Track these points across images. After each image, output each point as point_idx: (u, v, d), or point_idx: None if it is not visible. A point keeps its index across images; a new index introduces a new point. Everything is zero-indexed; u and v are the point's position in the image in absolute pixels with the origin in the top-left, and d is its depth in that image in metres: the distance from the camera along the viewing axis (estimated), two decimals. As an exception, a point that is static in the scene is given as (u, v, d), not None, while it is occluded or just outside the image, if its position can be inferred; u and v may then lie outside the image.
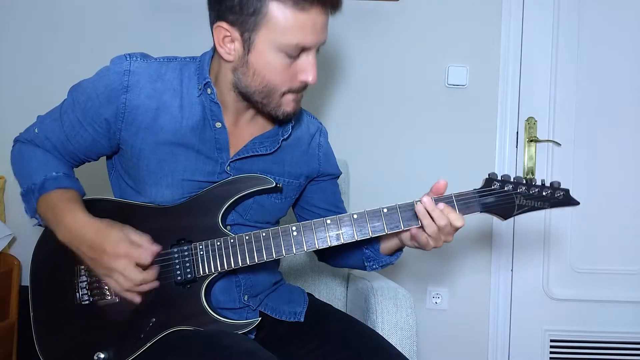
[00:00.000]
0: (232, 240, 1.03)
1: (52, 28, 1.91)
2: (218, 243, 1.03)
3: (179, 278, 1.03)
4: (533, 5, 2.01)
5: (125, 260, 0.96)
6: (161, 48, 1.31)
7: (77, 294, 1.04)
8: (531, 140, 2.02)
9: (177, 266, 1.03)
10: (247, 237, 1.03)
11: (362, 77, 1.98)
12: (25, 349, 1.78)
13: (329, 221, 1.04)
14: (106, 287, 1.03)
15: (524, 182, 1.05)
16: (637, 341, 2.04)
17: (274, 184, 1.07)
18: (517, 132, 2.02)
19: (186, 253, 1.03)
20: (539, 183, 1.06)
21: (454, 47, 1.99)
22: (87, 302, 1.04)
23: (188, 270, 1.03)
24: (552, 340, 2.05)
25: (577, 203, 1.06)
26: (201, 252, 1.03)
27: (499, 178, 1.05)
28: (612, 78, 2.01)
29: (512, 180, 1.05)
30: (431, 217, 1.01)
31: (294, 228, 1.04)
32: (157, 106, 1.04)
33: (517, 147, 2.03)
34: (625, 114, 2.02)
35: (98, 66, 1.07)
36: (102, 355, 1.00)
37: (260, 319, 1.06)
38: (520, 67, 2.01)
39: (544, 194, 1.05)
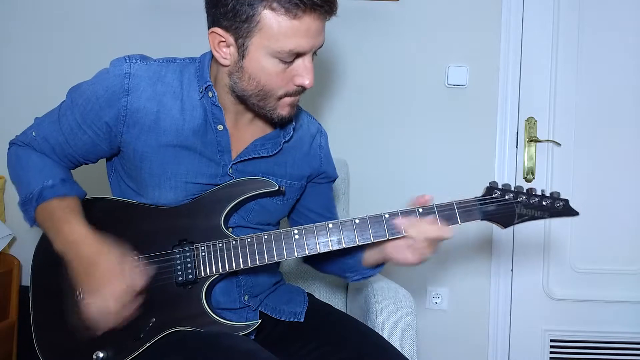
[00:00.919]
0: (233, 242, 1.03)
1: (51, 28, 1.91)
2: (220, 244, 1.03)
3: (180, 279, 1.03)
4: (533, 5, 2.01)
5: (116, 283, 0.95)
6: (161, 48, 1.31)
7: (78, 292, 1.04)
8: (531, 140, 2.01)
9: (179, 267, 1.03)
10: (248, 239, 1.04)
11: (362, 77, 1.98)
12: (25, 349, 1.78)
13: (331, 225, 1.05)
14: None
15: (525, 191, 1.07)
16: (637, 341, 2.04)
17: (277, 187, 1.07)
18: (517, 132, 2.02)
19: (188, 254, 1.03)
20: (539, 193, 1.07)
21: (454, 47, 1.99)
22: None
23: (189, 271, 1.03)
24: (552, 340, 2.05)
25: (577, 213, 1.07)
26: (203, 254, 1.03)
27: (500, 187, 1.06)
28: (612, 78, 2.01)
29: (512, 189, 1.06)
30: (417, 230, 1.03)
31: (295, 231, 1.04)
32: (157, 109, 1.04)
33: (517, 147, 2.03)
34: (625, 114, 2.02)
35: (98, 67, 1.07)
36: (101, 355, 1.00)
37: (260, 321, 1.06)
38: (520, 67, 2.01)
39: (544, 203, 1.06)
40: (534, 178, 2.00)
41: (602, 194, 2.01)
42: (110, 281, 0.95)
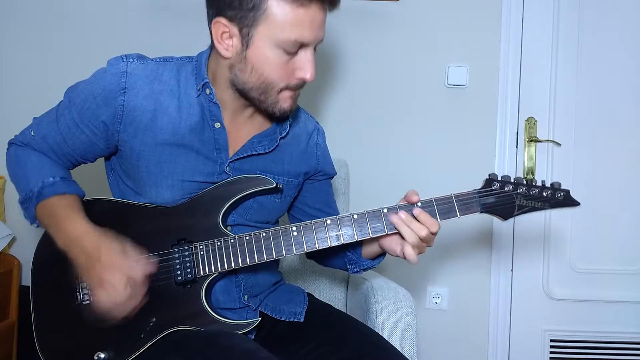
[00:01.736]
0: (232, 241, 1.03)
1: (51, 28, 1.91)
2: (218, 243, 1.03)
3: (180, 278, 1.03)
4: (533, 5, 2.01)
5: (117, 274, 0.95)
6: (161, 48, 1.31)
7: (78, 294, 1.04)
8: (531, 140, 2.02)
9: (178, 266, 1.03)
10: (247, 238, 1.03)
11: (362, 77, 1.98)
12: (25, 349, 1.78)
13: (329, 221, 1.04)
14: None
15: (524, 182, 1.05)
16: (637, 341, 2.03)
17: (275, 185, 1.07)
18: (517, 132, 2.02)
19: (186, 253, 1.03)
20: (539, 184, 1.05)
21: (454, 47, 1.99)
22: (87, 302, 1.03)
23: (188, 270, 1.03)
24: (552, 340, 2.05)
25: (578, 204, 1.05)
26: (201, 252, 1.03)
27: (499, 178, 1.05)
28: (612, 78, 2.01)
29: (512, 180, 1.05)
30: (410, 228, 1.02)
31: (294, 228, 1.04)
32: (154, 107, 1.04)
33: (517, 147, 2.03)
34: (625, 114, 2.02)
35: (98, 67, 1.07)
36: (102, 355, 1.00)
37: (260, 319, 1.06)
38: (520, 67, 2.01)
39: (544, 194, 1.05)
40: (534, 178, 1.99)
41: (602, 194, 2.01)
42: (112, 272, 0.95)
